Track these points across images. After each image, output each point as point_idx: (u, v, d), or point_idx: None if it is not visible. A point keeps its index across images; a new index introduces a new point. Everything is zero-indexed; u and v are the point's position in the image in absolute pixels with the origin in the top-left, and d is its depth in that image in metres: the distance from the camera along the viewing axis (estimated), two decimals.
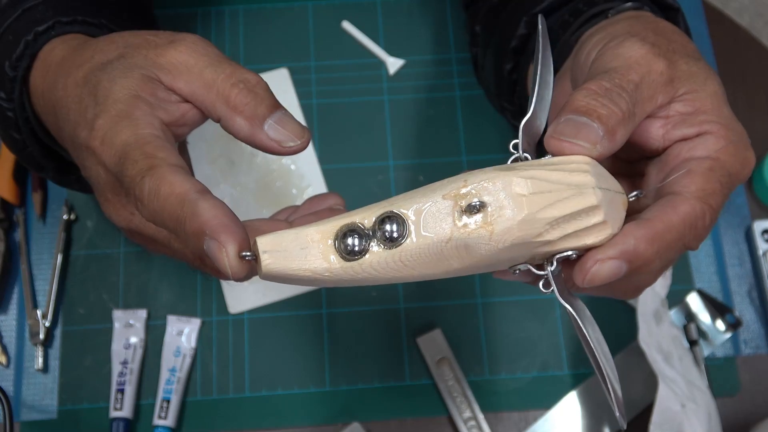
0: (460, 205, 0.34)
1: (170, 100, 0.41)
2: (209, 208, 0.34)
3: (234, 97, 0.40)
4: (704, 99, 0.39)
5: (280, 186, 0.72)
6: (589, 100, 0.36)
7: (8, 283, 0.70)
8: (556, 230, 0.34)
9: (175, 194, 0.35)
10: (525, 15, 0.54)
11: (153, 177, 0.36)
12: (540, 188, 0.34)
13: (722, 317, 0.69)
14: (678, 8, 0.50)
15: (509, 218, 0.34)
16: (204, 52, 0.41)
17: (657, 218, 0.36)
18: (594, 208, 0.34)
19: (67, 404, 0.66)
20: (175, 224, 0.35)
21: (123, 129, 0.38)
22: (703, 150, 0.38)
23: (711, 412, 0.62)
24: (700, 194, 0.37)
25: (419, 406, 0.67)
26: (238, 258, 0.34)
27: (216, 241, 0.33)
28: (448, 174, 0.72)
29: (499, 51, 0.57)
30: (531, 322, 0.69)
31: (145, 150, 0.37)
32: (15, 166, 0.70)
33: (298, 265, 0.33)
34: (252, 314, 0.69)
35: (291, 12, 0.78)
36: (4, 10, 0.49)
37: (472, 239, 0.34)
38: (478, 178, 0.34)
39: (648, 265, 0.36)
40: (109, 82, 0.40)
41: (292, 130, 0.40)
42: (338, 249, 0.34)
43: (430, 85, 0.76)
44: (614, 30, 0.43)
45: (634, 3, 0.47)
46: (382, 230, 0.34)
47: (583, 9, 0.49)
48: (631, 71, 0.38)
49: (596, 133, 0.36)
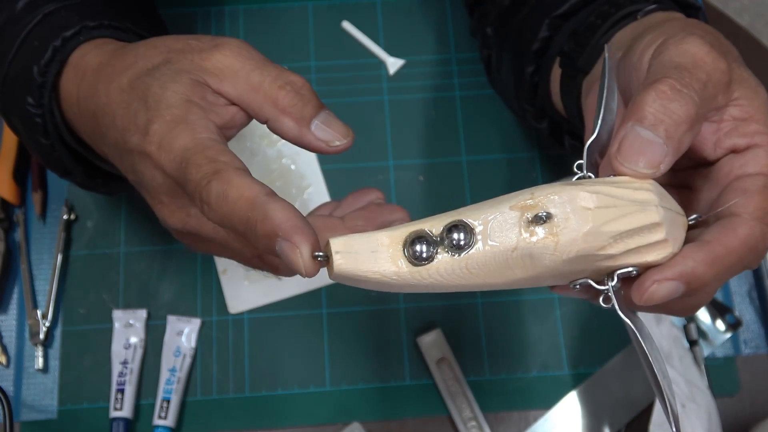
0: (526, 216, 0.35)
1: (219, 103, 0.41)
2: (280, 210, 0.35)
3: (281, 99, 0.41)
4: (757, 107, 0.39)
5: (280, 186, 0.72)
6: (656, 107, 0.36)
7: (8, 283, 0.70)
8: (619, 244, 0.35)
9: (244, 197, 0.36)
10: (546, 17, 0.53)
11: (220, 181, 0.36)
12: (605, 203, 0.35)
13: (722, 317, 0.69)
14: (699, 7, 0.49)
15: (574, 230, 0.35)
16: (249, 56, 0.42)
17: (717, 241, 0.36)
18: (656, 225, 0.35)
19: (67, 404, 0.66)
20: (244, 226, 0.36)
21: (180, 134, 0.39)
22: (755, 166, 0.38)
23: (711, 412, 0.62)
24: (758, 214, 0.37)
25: (419, 406, 0.67)
26: (312, 258, 0.35)
27: (289, 242, 0.34)
28: (448, 174, 0.73)
29: (519, 53, 0.57)
30: (531, 322, 0.69)
31: (207, 154, 0.38)
32: (15, 167, 0.70)
33: (368, 267, 0.35)
34: (252, 314, 0.69)
35: (291, 12, 0.78)
36: (21, 15, 0.49)
37: (537, 249, 0.35)
38: (545, 191, 0.35)
39: (705, 287, 0.36)
40: (160, 87, 0.40)
41: (337, 129, 0.41)
42: (407, 254, 0.35)
43: (430, 85, 0.76)
44: (668, 29, 0.41)
45: (660, 4, 0.47)
46: (450, 238, 0.35)
47: (610, 11, 0.49)
48: (698, 69, 0.37)
49: (661, 152, 0.35)
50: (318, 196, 0.72)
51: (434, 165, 0.73)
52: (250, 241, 0.37)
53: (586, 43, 0.49)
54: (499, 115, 0.74)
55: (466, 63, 0.76)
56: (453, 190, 0.72)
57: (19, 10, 0.49)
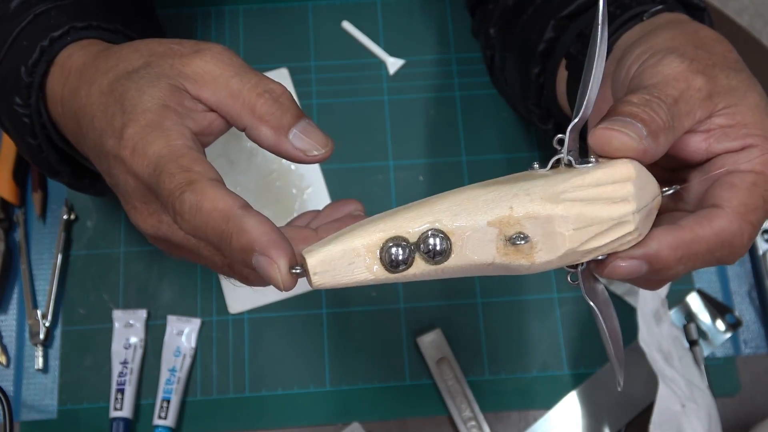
0: (504, 234, 0.35)
1: (197, 109, 0.41)
2: (256, 225, 0.35)
3: (260, 107, 0.40)
4: (745, 112, 0.39)
5: (280, 186, 0.72)
6: (631, 107, 0.37)
7: (8, 283, 0.70)
8: (592, 254, 0.36)
9: (218, 209, 0.36)
10: (552, 18, 0.53)
11: (194, 192, 0.36)
12: (582, 224, 0.35)
13: (722, 317, 0.69)
14: (704, 8, 0.50)
15: (550, 252, 0.35)
16: (229, 62, 0.41)
17: (687, 228, 0.37)
18: (631, 231, 0.36)
19: (67, 404, 0.66)
20: (219, 239, 0.36)
21: (155, 139, 0.38)
22: (747, 162, 0.38)
23: (711, 412, 0.62)
24: (740, 209, 0.37)
25: (419, 406, 0.67)
26: (289, 272, 0.35)
27: (267, 257, 0.34)
28: (448, 174, 0.73)
29: (525, 54, 0.57)
30: (531, 322, 0.69)
31: (180, 163, 0.37)
32: (15, 167, 0.70)
33: (347, 279, 0.35)
34: (252, 314, 0.69)
35: (291, 12, 0.78)
36: (15, 14, 0.49)
37: (513, 266, 0.36)
38: (524, 208, 0.35)
39: (669, 269, 0.37)
40: (137, 91, 0.40)
41: (316, 139, 0.41)
42: (383, 261, 0.35)
43: (430, 85, 0.76)
44: (655, 44, 0.42)
45: (665, 5, 0.47)
46: (426, 245, 0.35)
47: (616, 13, 0.49)
48: (668, 87, 0.38)
49: (641, 131, 0.36)
50: (318, 196, 0.72)
51: (434, 165, 0.73)
52: (224, 253, 0.36)
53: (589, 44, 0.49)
54: (499, 115, 0.74)
55: (466, 63, 0.76)
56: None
57: (12, 9, 0.49)
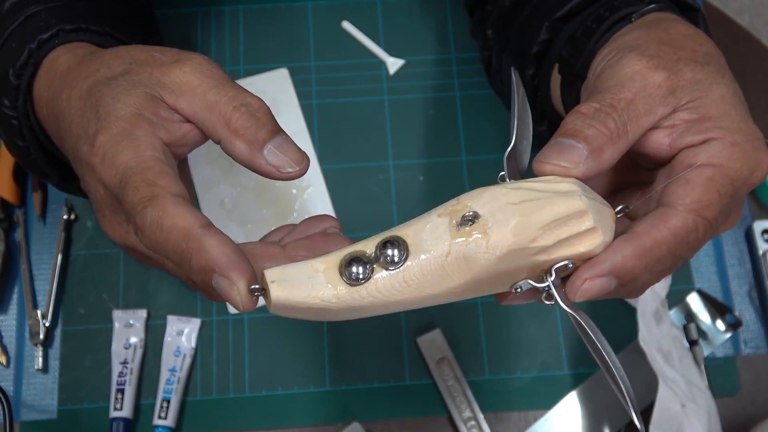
0: (455, 220, 0.35)
1: (172, 119, 0.41)
2: (216, 245, 0.35)
3: (235, 121, 0.40)
4: (709, 105, 0.39)
5: (280, 186, 0.72)
6: (576, 123, 0.38)
7: (8, 283, 0.70)
8: (549, 235, 0.36)
9: (178, 228, 0.35)
10: (546, 20, 0.54)
11: (155, 208, 0.36)
12: (528, 197, 0.36)
13: (722, 317, 0.69)
14: (698, 8, 0.50)
15: (502, 224, 0.35)
16: (209, 74, 0.41)
17: (645, 233, 0.37)
18: (582, 213, 0.36)
19: (67, 404, 0.66)
20: (179, 258, 0.36)
21: (124, 149, 0.38)
22: (706, 156, 0.38)
23: (711, 412, 0.62)
24: (694, 206, 0.37)
25: (419, 406, 0.67)
26: (249, 294, 0.34)
27: (226, 278, 0.34)
28: (448, 174, 0.73)
29: (520, 56, 0.57)
30: (531, 322, 0.69)
31: (146, 176, 0.37)
32: (15, 167, 0.70)
33: (306, 293, 0.35)
34: (252, 314, 0.69)
35: (291, 12, 0.78)
36: (6, 16, 0.49)
37: (470, 250, 0.35)
38: (469, 195, 0.36)
39: (637, 278, 0.37)
40: (113, 98, 0.40)
41: (291, 156, 0.40)
42: (344, 276, 0.35)
43: (430, 85, 0.76)
44: (620, 44, 0.43)
45: (656, 5, 0.47)
46: (384, 254, 0.35)
47: (605, 15, 0.49)
48: (623, 89, 0.39)
49: (580, 154, 0.37)
50: (318, 196, 0.72)
51: (434, 165, 0.73)
52: (185, 272, 0.36)
53: (582, 47, 0.49)
54: (499, 115, 0.74)
55: (466, 63, 0.76)
56: (453, 190, 0.72)
57: (5, 11, 0.49)
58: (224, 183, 0.72)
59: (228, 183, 0.72)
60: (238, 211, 0.71)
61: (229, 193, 0.71)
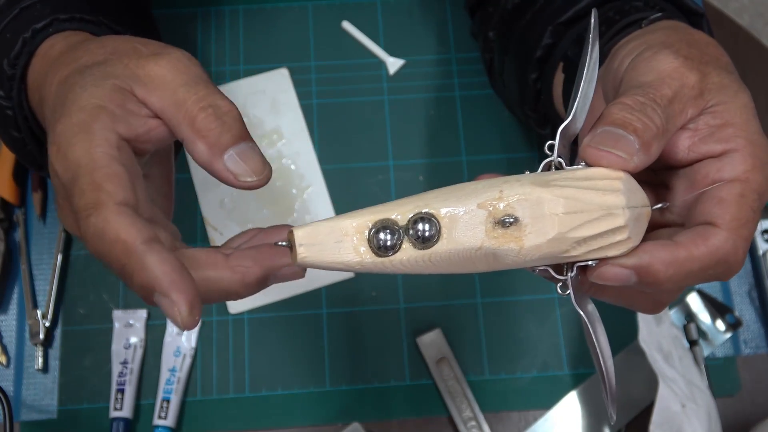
0: (493, 216, 0.35)
1: (139, 113, 0.39)
2: (157, 264, 0.34)
3: (200, 121, 0.39)
4: (733, 111, 0.39)
5: (280, 186, 0.72)
6: (625, 114, 0.37)
7: (8, 283, 0.70)
8: (582, 247, 0.35)
9: (120, 241, 0.34)
10: (550, 24, 0.53)
11: (98, 217, 0.35)
12: (572, 208, 0.35)
13: (722, 317, 0.69)
14: (702, 13, 0.50)
15: (540, 235, 0.35)
16: (184, 70, 0.40)
17: (683, 245, 0.36)
18: (621, 228, 0.36)
19: (67, 404, 0.66)
20: (120, 272, 0.35)
21: (78, 142, 0.37)
22: (731, 171, 0.38)
23: (711, 412, 0.62)
24: (734, 225, 0.37)
25: (419, 406, 0.67)
26: (189, 315, 0.34)
27: (167, 298, 0.33)
28: (448, 174, 0.73)
29: (522, 60, 0.57)
30: (531, 322, 0.69)
31: (93, 178, 0.36)
32: (15, 166, 0.70)
33: (332, 258, 0.35)
34: (252, 314, 0.69)
35: (291, 12, 0.78)
36: (2, 10, 0.49)
37: (501, 251, 0.35)
38: (514, 191, 0.35)
39: (660, 284, 0.36)
40: (81, 87, 0.39)
41: (252, 165, 0.38)
42: (371, 243, 0.35)
43: (430, 85, 0.76)
44: (649, 39, 0.42)
45: (665, 12, 0.47)
46: (415, 229, 0.35)
47: (615, 18, 0.48)
48: (664, 86, 0.38)
49: (633, 146, 0.36)
50: (318, 196, 0.72)
51: (434, 165, 0.73)
52: (128, 285, 0.35)
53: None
54: (499, 115, 0.74)
55: (466, 63, 0.76)
56: None
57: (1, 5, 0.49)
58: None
59: None
60: (238, 211, 0.71)
61: (229, 193, 0.71)
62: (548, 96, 0.55)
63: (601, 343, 0.37)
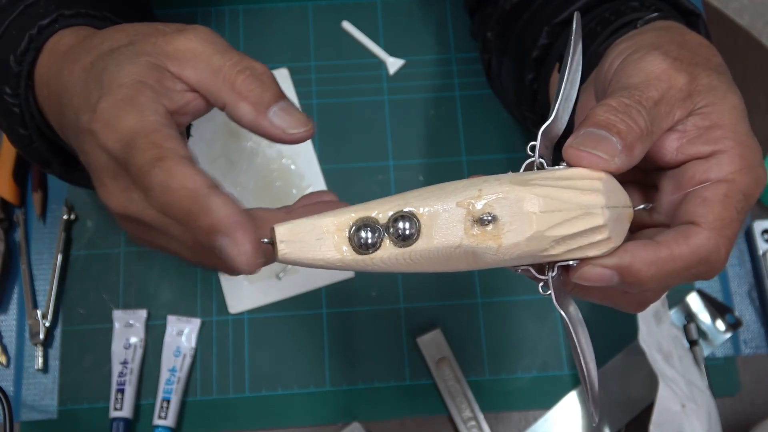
0: (472, 215, 0.35)
1: (176, 88, 0.41)
2: (222, 205, 0.35)
3: (240, 83, 0.40)
4: (722, 113, 0.39)
5: (280, 186, 0.72)
6: (608, 115, 0.37)
7: (8, 283, 0.70)
8: (561, 246, 0.36)
9: (186, 188, 0.35)
10: (546, 24, 0.53)
11: (163, 168, 0.36)
12: (551, 207, 0.35)
13: (722, 317, 0.69)
14: (699, 14, 0.50)
15: (518, 234, 0.35)
16: (212, 41, 0.41)
17: (665, 245, 0.36)
18: (600, 227, 0.36)
19: (67, 404, 0.66)
20: (186, 218, 0.36)
21: (128, 114, 0.38)
22: (718, 172, 0.38)
23: (711, 412, 0.62)
24: (716, 225, 0.37)
25: (419, 406, 0.67)
26: (253, 254, 0.34)
27: (230, 238, 0.34)
28: (448, 174, 0.73)
29: (520, 60, 0.57)
30: (531, 322, 0.69)
31: (152, 139, 0.37)
32: (15, 166, 0.70)
33: (313, 255, 0.35)
34: (252, 314, 0.69)
35: (291, 12, 0.78)
36: (5, 7, 0.49)
37: (480, 249, 0.35)
38: (493, 189, 0.35)
39: (642, 284, 0.36)
40: (116, 67, 0.40)
41: (298, 117, 0.41)
42: (352, 241, 0.35)
43: (430, 85, 0.76)
44: (640, 40, 0.42)
45: (661, 12, 0.47)
46: (396, 227, 0.35)
47: (611, 18, 0.49)
48: (650, 88, 0.38)
49: (615, 147, 0.36)
50: None
51: (434, 165, 0.73)
52: (191, 234, 0.36)
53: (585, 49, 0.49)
54: (499, 115, 0.74)
55: (466, 63, 0.76)
56: None
57: (4, 3, 0.50)
58: (224, 183, 0.71)
59: (228, 183, 0.72)
60: None
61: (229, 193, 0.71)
62: (545, 96, 0.55)
63: (582, 345, 0.37)
